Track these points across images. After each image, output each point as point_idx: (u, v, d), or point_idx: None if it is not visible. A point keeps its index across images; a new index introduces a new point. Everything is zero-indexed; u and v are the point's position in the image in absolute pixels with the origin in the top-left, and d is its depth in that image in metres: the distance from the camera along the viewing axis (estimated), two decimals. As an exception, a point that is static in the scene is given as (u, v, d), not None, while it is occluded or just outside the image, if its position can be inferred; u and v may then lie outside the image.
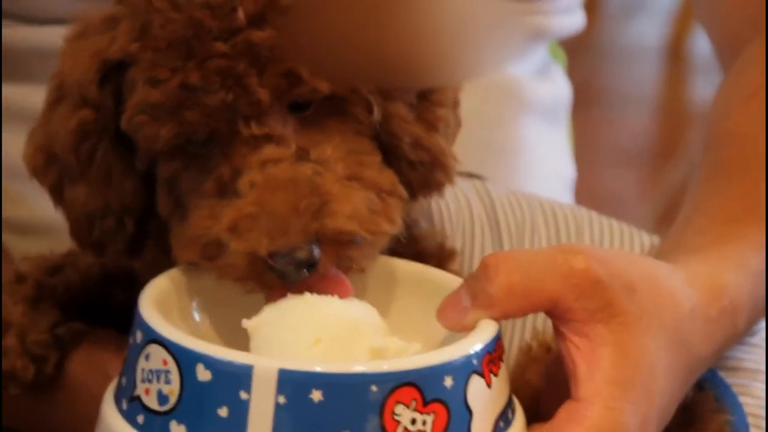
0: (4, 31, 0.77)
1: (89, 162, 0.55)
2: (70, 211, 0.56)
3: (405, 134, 0.56)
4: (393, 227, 0.53)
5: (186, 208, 0.54)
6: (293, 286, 0.51)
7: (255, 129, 0.52)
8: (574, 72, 0.92)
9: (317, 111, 0.54)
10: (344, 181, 0.53)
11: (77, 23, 0.57)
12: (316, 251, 0.50)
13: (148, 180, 0.55)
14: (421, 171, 0.57)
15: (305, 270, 0.50)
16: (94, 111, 0.54)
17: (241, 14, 0.51)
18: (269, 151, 0.52)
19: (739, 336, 0.62)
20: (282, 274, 0.50)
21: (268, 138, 0.52)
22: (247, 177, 0.51)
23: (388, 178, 0.55)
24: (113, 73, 0.54)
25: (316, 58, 0.54)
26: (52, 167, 0.56)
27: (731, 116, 0.70)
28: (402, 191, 0.55)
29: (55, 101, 0.56)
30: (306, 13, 0.54)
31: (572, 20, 0.84)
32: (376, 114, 0.55)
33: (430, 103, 0.57)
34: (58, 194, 0.57)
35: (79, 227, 0.56)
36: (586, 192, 0.84)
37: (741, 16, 0.77)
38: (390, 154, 0.56)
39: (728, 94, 0.72)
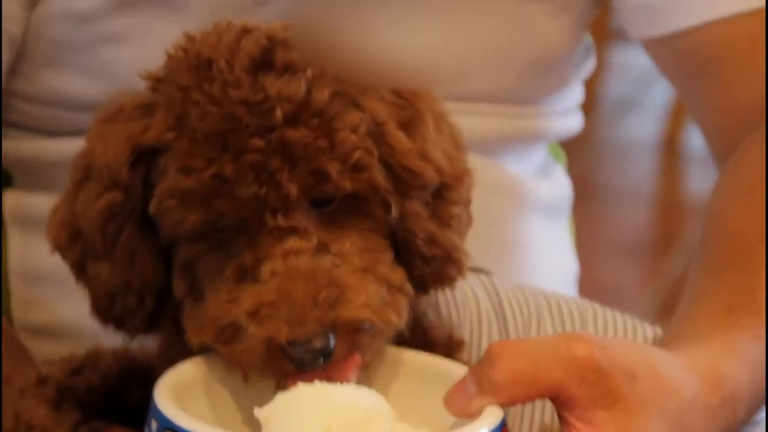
0: (27, 143, 0.77)
1: (114, 242, 0.54)
2: (92, 287, 0.56)
3: (420, 231, 0.56)
4: (400, 320, 0.53)
5: (202, 291, 0.54)
6: (308, 373, 0.51)
7: (281, 221, 0.52)
8: (573, 168, 0.93)
9: (338, 207, 0.54)
10: (360, 273, 0.53)
11: (107, 107, 0.57)
12: (332, 341, 0.50)
13: (167, 260, 0.55)
14: (434, 265, 0.57)
15: (321, 359, 0.50)
16: (123, 193, 0.54)
17: (279, 113, 0.52)
18: (292, 242, 0.52)
19: (738, 425, 0.62)
20: (299, 363, 0.50)
21: (293, 230, 0.52)
22: (270, 265, 0.51)
23: (398, 275, 0.55)
24: (144, 159, 0.54)
25: None
26: (76, 244, 0.56)
27: (727, 212, 0.71)
28: (409, 289, 0.55)
29: (81, 180, 0.56)
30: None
31: (571, 121, 0.85)
32: (394, 212, 0.55)
33: (444, 201, 0.57)
34: (80, 270, 0.56)
35: (101, 303, 0.56)
36: (589, 284, 0.84)
37: (734, 115, 0.77)
38: (405, 249, 0.56)
39: (724, 190, 0.73)
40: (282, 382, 0.51)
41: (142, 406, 0.53)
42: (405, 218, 0.56)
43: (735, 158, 0.74)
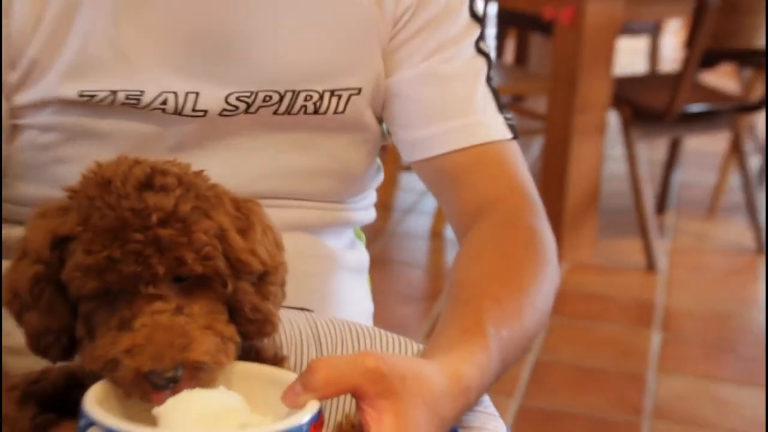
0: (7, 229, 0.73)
1: (39, 299, 0.54)
2: (26, 329, 0.56)
3: (247, 302, 0.56)
4: (229, 360, 0.54)
5: (95, 335, 0.53)
6: (162, 393, 0.51)
7: (150, 290, 0.52)
8: (370, 245, 0.95)
9: (191, 283, 0.54)
10: (203, 329, 0.53)
11: (39, 206, 0.57)
12: (180, 372, 0.51)
13: (74, 312, 0.54)
14: (256, 325, 0.57)
15: (171, 384, 0.51)
16: (44, 266, 0.54)
17: (154, 218, 0.52)
18: (158, 305, 0.52)
19: (470, 406, 0.63)
20: (155, 385, 0.50)
21: (158, 297, 0.52)
22: (141, 320, 0.51)
23: (230, 330, 0.55)
24: (60, 243, 0.53)
25: None
26: (15, 300, 0.55)
27: (463, 272, 0.71)
28: (237, 338, 0.55)
29: (20, 257, 0.55)
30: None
31: (368, 214, 0.87)
32: (230, 288, 0.55)
33: (265, 282, 0.57)
34: (19, 318, 0.56)
35: (32, 340, 0.56)
36: (382, 320, 0.85)
37: (466, 210, 0.77)
38: (236, 312, 0.56)
39: (461, 258, 0.73)
40: (146, 397, 0.52)
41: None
42: (237, 293, 0.56)
43: (468, 238, 0.75)
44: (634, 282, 2.59)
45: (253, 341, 0.58)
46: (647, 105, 2.60)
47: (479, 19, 0.77)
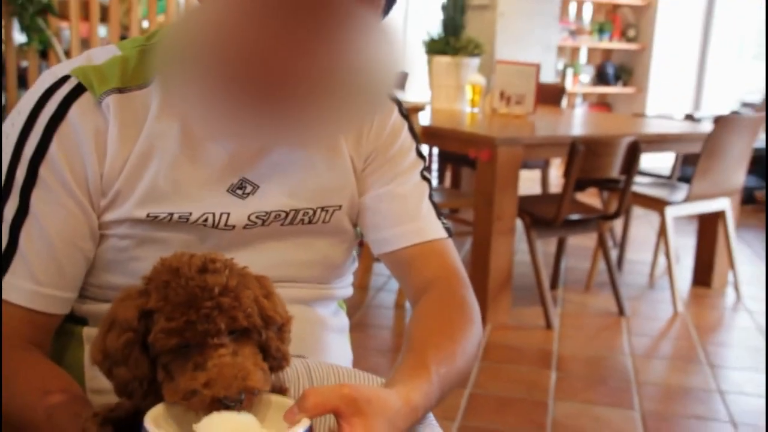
0: (92, 306, 0.70)
1: (128, 357, 0.52)
2: (115, 381, 0.53)
3: (272, 346, 0.55)
4: (267, 387, 0.53)
5: (173, 377, 0.51)
6: (230, 408, 0.49)
7: (216, 341, 0.51)
8: (352, 314, 0.93)
9: (239, 334, 0.52)
10: (252, 365, 0.51)
11: (122, 290, 0.55)
12: (243, 397, 0.49)
13: (154, 365, 0.53)
14: (278, 361, 0.55)
15: (238, 404, 0.49)
16: (134, 333, 0.52)
17: (215, 290, 0.51)
18: (222, 351, 0.50)
19: (418, 421, 0.60)
20: (226, 406, 0.49)
21: (221, 345, 0.51)
22: (212, 362, 0.50)
23: (264, 365, 0.53)
24: (145, 316, 0.52)
25: None
26: (106, 360, 0.53)
27: (412, 329, 0.70)
28: (269, 372, 0.54)
29: (108, 328, 0.53)
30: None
31: (347, 291, 0.85)
32: (263, 336, 0.54)
33: (282, 331, 0.56)
34: (108, 373, 0.53)
35: (120, 388, 0.53)
36: (360, 367, 0.83)
37: (417, 286, 0.75)
38: (265, 353, 0.54)
39: (413, 318, 0.73)
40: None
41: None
42: (267, 339, 0.54)
43: (418, 305, 0.74)
44: (537, 337, 2.56)
45: (273, 373, 0.56)
46: (541, 215, 2.64)
47: (422, 157, 0.78)
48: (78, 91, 0.63)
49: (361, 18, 0.58)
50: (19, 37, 2.77)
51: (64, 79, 0.64)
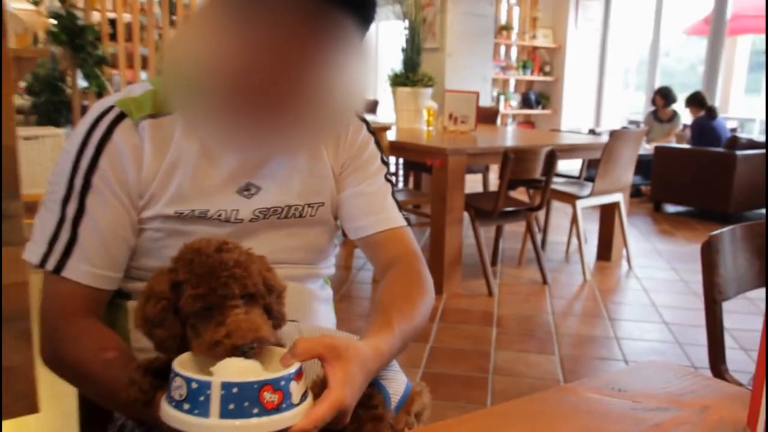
0: (134, 284, 0.67)
1: (164, 320, 0.51)
2: (154, 339, 0.52)
3: (274, 308, 0.53)
4: (273, 338, 0.51)
5: (200, 334, 0.50)
6: (246, 355, 0.48)
7: (232, 303, 0.49)
8: (338, 289, 0.90)
9: (248, 298, 0.51)
10: (262, 320, 0.50)
11: (156, 270, 0.53)
12: (256, 344, 0.48)
13: (183, 325, 0.51)
14: (277, 321, 0.54)
15: (252, 351, 0.48)
16: (167, 301, 0.51)
17: (231, 263, 0.50)
18: (237, 310, 0.49)
19: (384, 366, 0.59)
20: (242, 352, 0.48)
21: (236, 306, 0.49)
22: (230, 319, 0.49)
23: (269, 322, 0.52)
24: (175, 287, 0.51)
25: None
26: (146, 324, 0.51)
27: (380, 296, 0.67)
28: (272, 328, 0.52)
29: (147, 298, 0.52)
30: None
31: (331, 270, 0.80)
32: (267, 300, 0.52)
33: (281, 297, 0.55)
34: (149, 334, 0.52)
35: (158, 345, 0.52)
36: (344, 329, 0.81)
37: (384, 261, 0.72)
38: (268, 313, 0.53)
39: (380, 288, 0.69)
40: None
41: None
42: (269, 303, 0.53)
43: (384, 278, 0.72)
44: (482, 302, 2.58)
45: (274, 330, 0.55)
46: (483, 208, 2.66)
47: (386, 163, 0.77)
48: (120, 117, 0.64)
49: (339, 48, 0.58)
50: (81, 83, 2.96)
51: (110, 108, 0.65)
